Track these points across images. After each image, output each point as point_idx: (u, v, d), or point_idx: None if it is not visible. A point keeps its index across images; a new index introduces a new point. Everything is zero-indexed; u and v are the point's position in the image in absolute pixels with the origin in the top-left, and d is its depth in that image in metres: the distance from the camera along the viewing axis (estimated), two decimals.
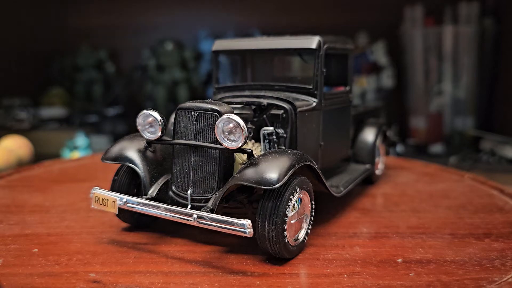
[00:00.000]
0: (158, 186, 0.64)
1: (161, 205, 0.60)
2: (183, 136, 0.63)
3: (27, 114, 2.02)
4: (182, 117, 0.63)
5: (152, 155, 0.66)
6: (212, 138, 0.61)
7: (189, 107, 0.63)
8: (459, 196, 0.85)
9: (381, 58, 2.06)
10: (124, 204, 0.61)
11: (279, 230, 0.56)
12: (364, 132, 0.91)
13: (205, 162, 0.61)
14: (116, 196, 0.61)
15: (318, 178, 0.65)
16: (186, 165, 0.63)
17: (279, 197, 0.57)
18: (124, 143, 0.67)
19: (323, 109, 0.74)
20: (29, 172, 1.01)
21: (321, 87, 0.73)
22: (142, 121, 0.65)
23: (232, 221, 0.55)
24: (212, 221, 0.56)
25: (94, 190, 0.63)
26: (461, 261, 0.59)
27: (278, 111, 0.68)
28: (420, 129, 2.02)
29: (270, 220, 0.56)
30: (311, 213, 0.63)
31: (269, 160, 0.57)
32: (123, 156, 0.65)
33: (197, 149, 0.62)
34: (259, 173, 0.56)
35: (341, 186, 0.74)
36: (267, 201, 0.57)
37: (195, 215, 0.56)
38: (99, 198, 0.62)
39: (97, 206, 0.62)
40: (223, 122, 0.58)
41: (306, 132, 0.70)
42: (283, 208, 0.56)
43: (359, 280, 0.54)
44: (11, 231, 0.68)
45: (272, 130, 0.67)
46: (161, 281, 0.53)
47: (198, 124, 0.62)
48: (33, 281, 0.53)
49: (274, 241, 0.56)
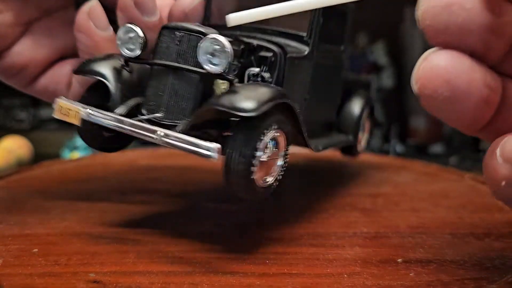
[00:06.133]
0: (128, 107, 0.61)
1: (127, 119, 0.57)
2: (163, 57, 0.60)
3: (27, 114, 2.02)
4: (165, 37, 0.60)
5: (128, 76, 0.63)
6: (194, 61, 0.58)
7: (175, 26, 0.60)
8: (459, 196, 0.86)
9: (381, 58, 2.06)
10: (88, 116, 0.58)
11: (247, 163, 0.52)
12: (352, 101, 0.87)
13: (182, 86, 0.59)
14: (80, 106, 0.59)
15: (298, 127, 0.62)
16: (162, 88, 0.60)
17: (254, 128, 0.53)
18: (100, 58, 0.63)
19: (314, 60, 0.71)
20: (29, 173, 1.01)
21: (316, 37, 0.70)
22: (122, 35, 0.61)
23: (200, 143, 0.52)
24: (177, 140, 0.53)
25: (59, 99, 0.60)
26: (461, 260, 0.59)
27: (267, 54, 0.65)
28: (420, 129, 2.02)
29: (240, 151, 0.52)
30: (285, 161, 0.59)
31: (251, 89, 0.54)
32: (96, 71, 0.62)
33: (177, 72, 0.59)
34: (237, 99, 0.52)
35: (320, 145, 0.72)
36: (240, 131, 0.53)
37: (160, 132, 0.54)
38: (62, 107, 0.59)
39: (59, 116, 0.60)
40: (207, 42, 0.55)
41: (292, 81, 0.67)
42: (255, 141, 0.53)
43: (359, 280, 0.54)
44: (11, 231, 0.68)
45: (258, 72, 0.64)
46: (161, 281, 0.53)
47: (181, 46, 0.59)
48: (33, 281, 0.53)
49: (240, 175, 0.53)
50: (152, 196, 0.85)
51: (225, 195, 0.85)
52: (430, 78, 0.43)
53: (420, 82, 0.44)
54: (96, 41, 0.67)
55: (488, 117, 0.46)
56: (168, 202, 0.81)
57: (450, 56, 0.43)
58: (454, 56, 0.43)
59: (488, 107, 0.45)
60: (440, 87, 0.43)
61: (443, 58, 0.43)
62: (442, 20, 0.43)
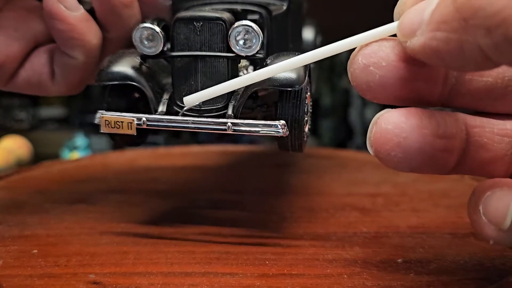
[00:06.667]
0: (166, 102, 0.61)
1: (189, 118, 0.58)
2: (185, 48, 0.60)
3: (27, 114, 2.02)
4: (182, 29, 0.60)
5: (149, 71, 0.63)
6: (220, 47, 0.59)
7: (191, 17, 0.60)
8: (459, 195, 0.85)
9: None
10: (143, 123, 0.58)
11: (301, 128, 0.58)
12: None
13: (214, 71, 0.60)
14: (132, 116, 0.58)
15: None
16: (192, 77, 0.60)
17: (299, 97, 0.58)
18: (118, 61, 0.62)
19: (291, 11, 0.72)
20: (29, 173, 1.01)
21: None
22: (139, 36, 0.61)
23: (267, 123, 0.56)
24: (246, 126, 0.56)
25: (101, 113, 0.59)
26: (461, 260, 0.59)
27: (254, 16, 0.66)
28: None
29: (293, 117, 0.58)
30: (311, 109, 0.65)
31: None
32: (121, 76, 0.60)
33: (204, 59, 0.60)
34: (287, 75, 0.56)
35: None
36: (287, 102, 0.58)
37: (229, 122, 0.57)
38: (110, 121, 0.58)
39: (109, 131, 0.59)
40: (237, 31, 0.58)
41: (279, 36, 0.69)
42: (303, 107, 0.58)
43: (359, 280, 0.54)
44: (11, 232, 0.68)
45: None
46: (160, 282, 0.53)
47: (203, 35, 0.60)
48: (32, 282, 0.53)
49: (296, 138, 0.59)
50: (152, 196, 0.85)
51: (223, 196, 0.85)
52: (382, 143, 0.45)
53: (374, 147, 0.46)
54: (71, 24, 0.64)
55: (453, 162, 0.47)
56: (167, 202, 0.81)
57: (397, 117, 0.45)
58: (402, 116, 0.45)
59: (450, 154, 0.46)
60: (392, 150, 0.44)
61: (391, 122, 0.45)
62: (363, 80, 0.46)
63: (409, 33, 0.42)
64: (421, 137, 0.44)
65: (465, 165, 0.48)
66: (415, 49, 0.42)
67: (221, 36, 0.59)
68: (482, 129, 0.48)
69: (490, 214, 0.44)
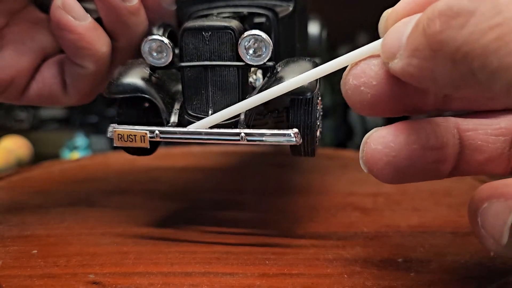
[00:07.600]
0: (177, 112, 0.62)
1: (202, 130, 0.58)
2: (194, 58, 0.60)
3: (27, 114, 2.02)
4: (190, 38, 0.60)
5: (159, 82, 0.63)
6: (229, 56, 0.59)
7: (200, 27, 0.59)
8: (460, 194, 0.85)
9: None
10: (156, 136, 0.58)
11: (313, 134, 0.58)
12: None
13: (224, 81, 0.60)
14: (145, 129, 0.58)
15: None
16: (203, 86, 0.60)
17: (310, 103, 0.58)
18: (128, 73, 0.62)
19: (297, 11, 0.72)
20: (29, 173, 1.01)
21: None
22: (147, 48, 0.61)
23: (280, 132, 0.56)
24: (260, 136, 0.56)
25: (114, 127, 0.59)
26: (462, 260, 0.59)
27: (261, 20, 0.66)
28: None
29: (305, 124, 0.58)
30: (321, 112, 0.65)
31: (299, 69, 0.57)
32: (133, 87, 0.60)
33: (214, 69, 0.60)
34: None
35: None
36: (299, 109, 0.58)
37: (242, 133, 0.56)
38: (123, 135, 0.58)
39: (123, 144, 0.59)
40: (246, 41, 0.57)
41: (286, 37, 0.69)
42: (315, 113, 0.58)
43: (359, 280, 0.54)
44: (11, 232, 0.67)
45: None
46: (160, 282, 0.53)
47: (212, 44, 0.60)
48: (32, 283, 0.53)
49: (309, 144, 0.59)
50: (153, 196, 0.85)
51: (224, 196, 0.85)
52: (373, 163, 0.46)
53: (366, 166, 0.47)
54: (80, 33, 0.64)
55: (448, 169, 0.48)
56: (168, 203, 0.81)
57: (385, 137, 0.45)
58: (390, 135, 0.46)
59: (442, 163, 0.47)
60: (384, 169, 0.46)
61: (380, 142, 0.46)
62: (356, 100, 0.47)
63: (390, 56, 0.42)
64: (410, 153, 0.45)
65: (461, 169, 0.49)
66: (396, 71, 0.42)
67: (230, 45, 0.59)
68: (475, 132, 0.48)
69: (488, 228, 0.44)
